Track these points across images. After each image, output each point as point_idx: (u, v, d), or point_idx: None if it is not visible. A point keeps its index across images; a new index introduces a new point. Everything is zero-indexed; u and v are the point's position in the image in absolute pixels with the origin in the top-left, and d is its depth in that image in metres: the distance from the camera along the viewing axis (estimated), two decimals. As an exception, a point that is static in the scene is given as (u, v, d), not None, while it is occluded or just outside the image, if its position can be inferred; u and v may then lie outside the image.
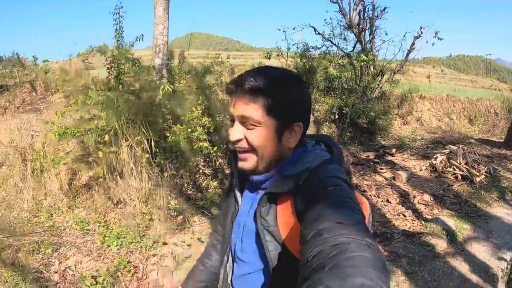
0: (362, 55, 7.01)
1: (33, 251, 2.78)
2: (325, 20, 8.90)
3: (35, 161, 4.20)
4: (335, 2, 9.32)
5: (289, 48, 7.65)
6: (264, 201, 0.72)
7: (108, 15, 4.42)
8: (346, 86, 7.28)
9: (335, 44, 8.00)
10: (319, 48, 7.86)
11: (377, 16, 8.59)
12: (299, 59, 7.59)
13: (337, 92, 7.20)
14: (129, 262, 2.65)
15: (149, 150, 3.64)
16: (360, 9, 8.35)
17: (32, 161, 4.22)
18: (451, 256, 2.80)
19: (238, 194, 0.85)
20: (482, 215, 3.64)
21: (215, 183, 4.03)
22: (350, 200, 0.61)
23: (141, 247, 2.89)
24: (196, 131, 3.61)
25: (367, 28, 8.12)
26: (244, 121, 0.72)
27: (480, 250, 2.91)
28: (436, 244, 2.87)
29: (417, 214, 3.55)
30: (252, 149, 0.73)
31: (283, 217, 0.70)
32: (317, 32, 8.01)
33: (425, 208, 3.73)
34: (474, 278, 2.52)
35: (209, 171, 4.29)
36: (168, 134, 3.72)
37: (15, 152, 4.21)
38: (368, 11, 8.51)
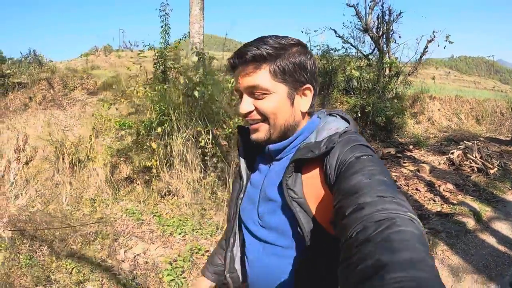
0: (386, 57, 7.57)
1: (88, 243, 2.90)
2: (343, 23, 9.50)
3: (74, 154, 4.58)
4: (352, 6, 9.91)
5: (312, 50, 8.17)
6: (290, 171, 0.69)
7: (135, 13, 4.86)
8: (365, 87, 7.84)
9: (354, 47, 8.57)
10: (338, 50, 8.42)
11: (393, 20, 9.17)
12: (319, 60, 8.14)
13: (357, 92, 7.77)
14: (199, 249, 2.79)
15: (207, 141, 4.05)
16: (378, 14, 8.92)
17: (69, 154, 4.60)
18: (479, 231, 3.36)
19: (244, 170, 0.84)
20: (499, 201, 4.21)
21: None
22: (384, 169, 0.60)
23: (206, 233, 3.06)
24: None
25: (385, 32, 8.68)
26: (252, 91, 0.70)
27: (503, 227, 3.47)
28: (466, 222, 3.44)
29: (445, 200, 4.12)
30: (264, 119, 0.72)
31: (311, 188, 0.68)
32: (337, 35, 8.57)
33: (450, 195, 4.30)
34: (501, 247, 3.08)
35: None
36: (224, 127, 4.20)
37: (51, 146, 4.50)
38: (385, 15, 9.10)
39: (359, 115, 6.95)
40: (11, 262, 2.64)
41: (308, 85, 0.72)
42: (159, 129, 3.82)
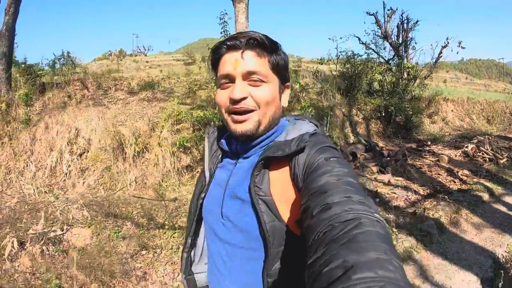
0: (406, 62, 8.56)
1: (173, 216, 3.58)
2: (365, 30, 10.48)
3: (139, 145, 5.51)
4: (372, 15, 10.95)
5: (339, 56, 9.18)
6: (258, 168, 0.70)
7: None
8: (386, 89, 8.82)
9: (377, 53, 9.57)
10: (361, 56, 9.42)
11: (410, 28, 10.18)
12: (344, 65, 9.14)
13: (379, 94, 8.75)
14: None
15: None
16: (398, 23, 9.94)
17: (131, 145, 5.48)
18: (493, 203, 4.32)
19: (207, 169, 0.83)
20: (508, 183, 5.16)
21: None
22: (351, 172, 0.63)
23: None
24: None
25: (404, 39, 9.69)
26: (251, 77, 0.71)
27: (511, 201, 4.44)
28: (482, 196, 4.40)
29: (463, 181, 5.08)
30: (255, 109, 0.72)
31: (278, 186, 0.69)
32: (360, 42, 9.58)
33: (467, 178, 5.26)
34: (511, 213, 4.05)
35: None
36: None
37: (111, 138, 5.30)
38: (403, 24, 10.11)
39: (383, 114, 7.93)
40: (100, 235, 3.30)
41: (288, 84, 0.80)
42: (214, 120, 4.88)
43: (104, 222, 3.59)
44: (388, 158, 5.66)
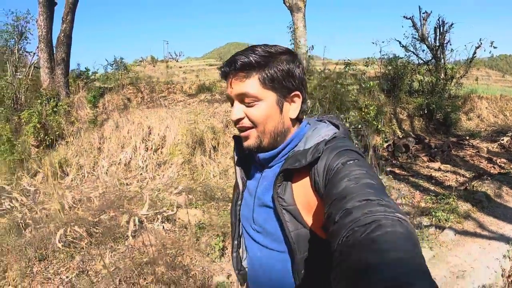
0: (444, 63, 9.61)
1: None
2: (404, 34, 11.50)
3: (216, 140, 6.70)
4: (409, 18, 11.96)
5: (382, 58, 10.30)
6: (279, 180, 0.75)
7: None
8: (426, 89, 9.87)
9: (417, 55, 10.62)
10: (401, 58, 10.47)
11: (446, 31, 11.15)
12: (385, 67, 10.24)
13: (419, 93, 9.82)
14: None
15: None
16: (435, 26, 10.94)
17: (210, 140, 6.68)
18: (528, 183, 5.43)
19: (239, 179, 0.92)
20: (542, 170, 6.22)
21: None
22: (370, 172, 0.66)
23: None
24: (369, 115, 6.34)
25: (442, 41, 10.70)
26: (243, 98, 0.77)
27: (544, 182, 5.51)
28: (519, 178, 5.51)
29: (501, 167, 6.17)
30: (253, 126, 0.78)
31: (301, 195, 0.75)
32: (401, 45, 10.65)
33: (504, 165, 6.33)
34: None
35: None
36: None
37: (192, 134, 6.16)
38: (440, 27, 11.08)
39: (425, 112, 9.01)
40: (210, 213, 3.99)
41: (297, 92, 0.79)
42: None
43: (207, 204, 4.33)
44: (436, 149, 6.79)
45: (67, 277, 3.24)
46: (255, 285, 0.91)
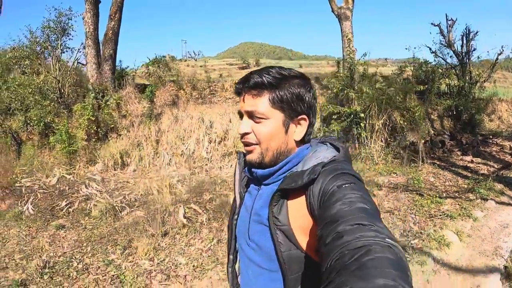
0: (472, 69, 10.92)
1: None
2: (433, 40, 12.71)
3: None
4: (437, 25, 13.23)
5: (414, 63, 11.59)
6: (275, 199, 0.79)
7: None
8: (453, 92, 11.17)
9: (445, 61, 11.92)
10: (431, 62, 11.76)
11: (471, 38, 12.40)
12: (416, 71, 11.52)
13: (447, 96, 11.12)
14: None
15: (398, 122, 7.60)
16: (462, 34, 12.22)
17: None
18: (548, 173, 6.75)
19: (237, 193, 0.98)
20: (558, 164, 7.53)
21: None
22: (365, 196, 0.68)
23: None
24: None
25: (468, 49, 11.98)
26: (252, 115, 0.83)
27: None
28: (540, 169, 6.84)
29: (524, 161, 7.49)
30: (258, 143, 0.84)
31: (296, 215, 0.78)
32: (431, 51, 11.96)
33: (527, 159, 7.66)
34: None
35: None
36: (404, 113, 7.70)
37: None
38: (466, 35, 12.34)
39: (454, 113, 10.32)
40: None
41: (304, 116, 0.85)
42: (362, 114, 7.41)
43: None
44: (467, 145, 8.13)
45: (204, 246, 3.78)
46: None
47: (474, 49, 12.15)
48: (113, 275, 3.28)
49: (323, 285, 0.52)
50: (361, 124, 7.40)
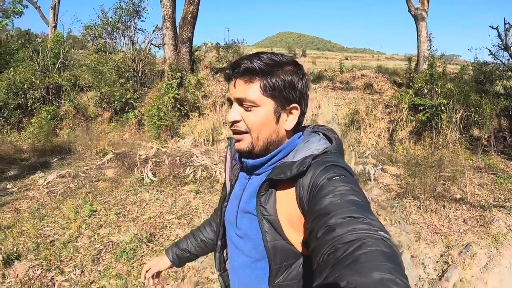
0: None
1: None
2: (491, 42, 13.47)
3: (367, 120, 9.10)
4: (495, 28, 13.98)
5: (476, 60, 12.46)
6: (264, 189, 0.78)
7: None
8: (510, 93, 12.05)
9: (503, 63, 12.76)
10: (489, 64, 12.56)
11: (527, 42, 13.13)
12: (472, 72, 12.38)
13: (504, 96, 12.01)
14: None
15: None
16: (521, 37, 12.99)
17: (364, 119, 9.18)
18: None
19: (228, 181, 0.97)
20: None
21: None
22: (356, 188, 0.68)
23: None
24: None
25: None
26: (242, 102, 0.81)
27: None
28: None
29: None
30: (247, 131, 0.82)
31: (284, 206, 0.77)
32: (490, 53, 12.82)
33: None
34: None
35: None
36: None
37: (351, 114, 8.37)
38: (522, 38, 13.08)
39: (510, 113, 11.26)
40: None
41: (295, 105, 0.82)
42: (443, 107, 8.49)
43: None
44: (527, 142, 9.13)
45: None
46: None
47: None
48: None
49: (317, 280, 0.52)
50: (442, 116, 8.52)
